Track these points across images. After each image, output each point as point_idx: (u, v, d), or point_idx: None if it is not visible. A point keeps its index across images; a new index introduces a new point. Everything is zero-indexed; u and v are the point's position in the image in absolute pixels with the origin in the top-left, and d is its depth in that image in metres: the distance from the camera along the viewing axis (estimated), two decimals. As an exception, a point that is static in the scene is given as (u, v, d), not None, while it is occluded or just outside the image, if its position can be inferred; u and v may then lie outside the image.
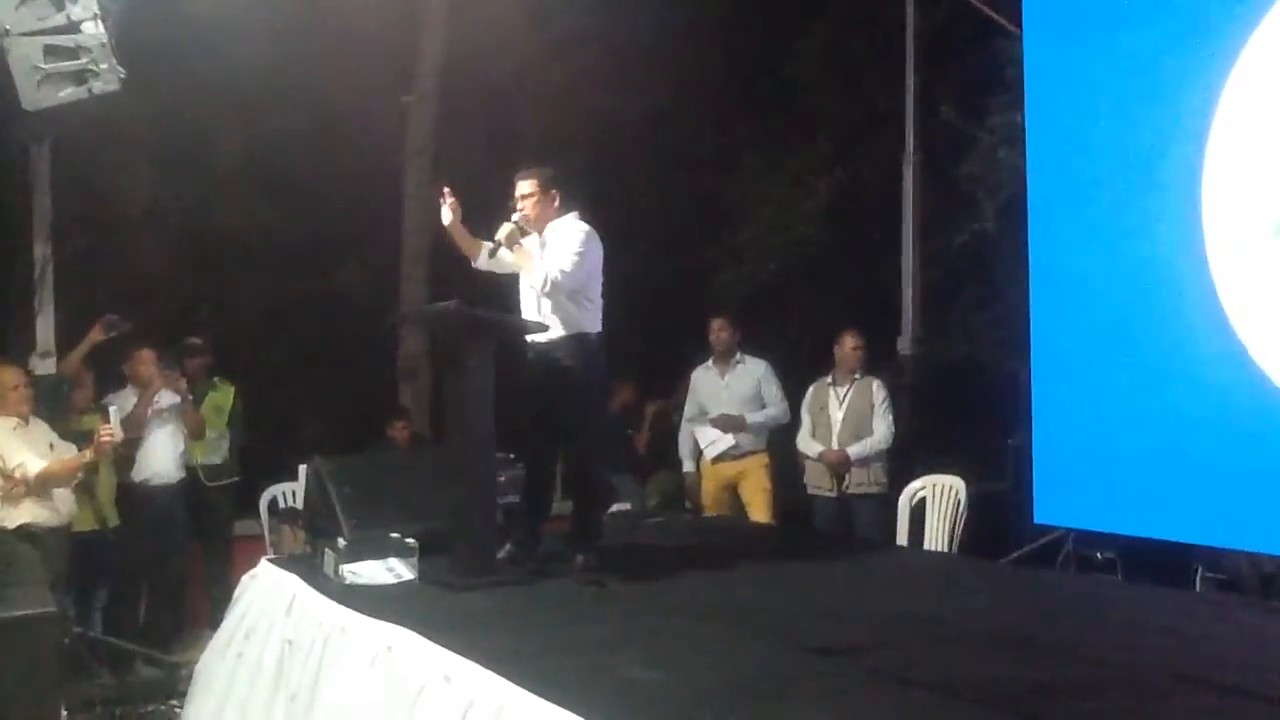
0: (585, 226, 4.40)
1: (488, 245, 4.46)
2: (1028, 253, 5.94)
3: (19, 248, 6.07)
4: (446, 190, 4.49)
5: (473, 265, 4.58)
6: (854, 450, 6.00)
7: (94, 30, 4.94)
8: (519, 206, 4.42)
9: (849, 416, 6.09)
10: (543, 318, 4.34)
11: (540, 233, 4.45)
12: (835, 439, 6.07)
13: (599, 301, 4.42)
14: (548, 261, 4.32)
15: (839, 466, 6.03)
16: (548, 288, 4.28)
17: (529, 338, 4.40)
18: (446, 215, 4.47)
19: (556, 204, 4.45)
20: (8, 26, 4.82)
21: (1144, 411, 5.19)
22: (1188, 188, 4.99)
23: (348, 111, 8.34)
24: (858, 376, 6.16)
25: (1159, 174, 5.16)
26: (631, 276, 4.60)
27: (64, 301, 5.94)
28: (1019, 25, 6.36)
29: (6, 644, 3.94)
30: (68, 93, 4.92)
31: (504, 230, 4.38)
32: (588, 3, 8.11)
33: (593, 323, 4.40)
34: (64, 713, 4.28)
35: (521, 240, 4.40)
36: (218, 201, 8.50)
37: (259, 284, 8.80)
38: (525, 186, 4.43)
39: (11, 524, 5.00)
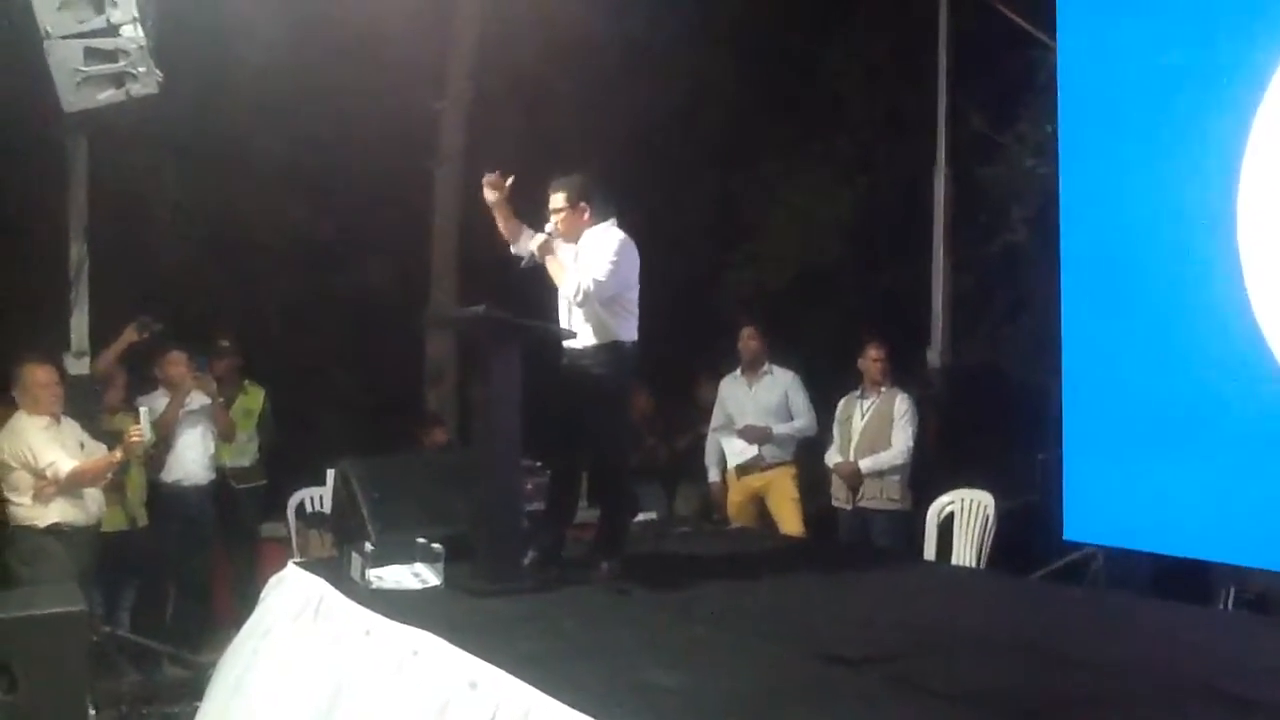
0: (621, 235, 4.38)
1: (527, 232, 4.45)
2: (1058, 264, 5.89)
3: (51, 245, 6.10)
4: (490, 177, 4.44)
5: (510, 250, 4.54)
6: (865, 464, 5.97)
7: (133, 33, 4.98)
8: (550, 219, 4.41)
9: (868, 429, 6.06)
10: (577, 325, 4.33)
11: (575, 242, 4.44)
12: (852, 451, 6.05)
13: (634, 310, 4.40)
14: (581, 270, 4.31)
15: (850, 479, 6.01)
16: (580, 297, 4.26)
17: (565, 344, 4.39)
18: (490, 194, 4.42)
19: (587, 216, 4.42)
20: (48, 29, 4.87)
21: (1177, 428, 5.12)
22: (1223, 202, 4.92)
23: (379, 113, 8.37)
24: (884, 389, 6.13)
25: (1194, 188, 5.10)
26: (646, 282, 4.55)
27: (94, 300, 5.96)
28: (1049, 33, 6.31)
29: (35, 641, 3.98)
30: (107, 95, 4.97)
31: (537, 240, 4.37)
32: (607, 5, 8.05)
33: (628, 331, 4.38)
34: (91, 710, 4.30)
35: (555, 250, 4.38)
36: (247, 203, 8.54)
37: (286, 286, 8.83)
38: (555, 200, 4.41)
39: (42, 523, 5.05)
